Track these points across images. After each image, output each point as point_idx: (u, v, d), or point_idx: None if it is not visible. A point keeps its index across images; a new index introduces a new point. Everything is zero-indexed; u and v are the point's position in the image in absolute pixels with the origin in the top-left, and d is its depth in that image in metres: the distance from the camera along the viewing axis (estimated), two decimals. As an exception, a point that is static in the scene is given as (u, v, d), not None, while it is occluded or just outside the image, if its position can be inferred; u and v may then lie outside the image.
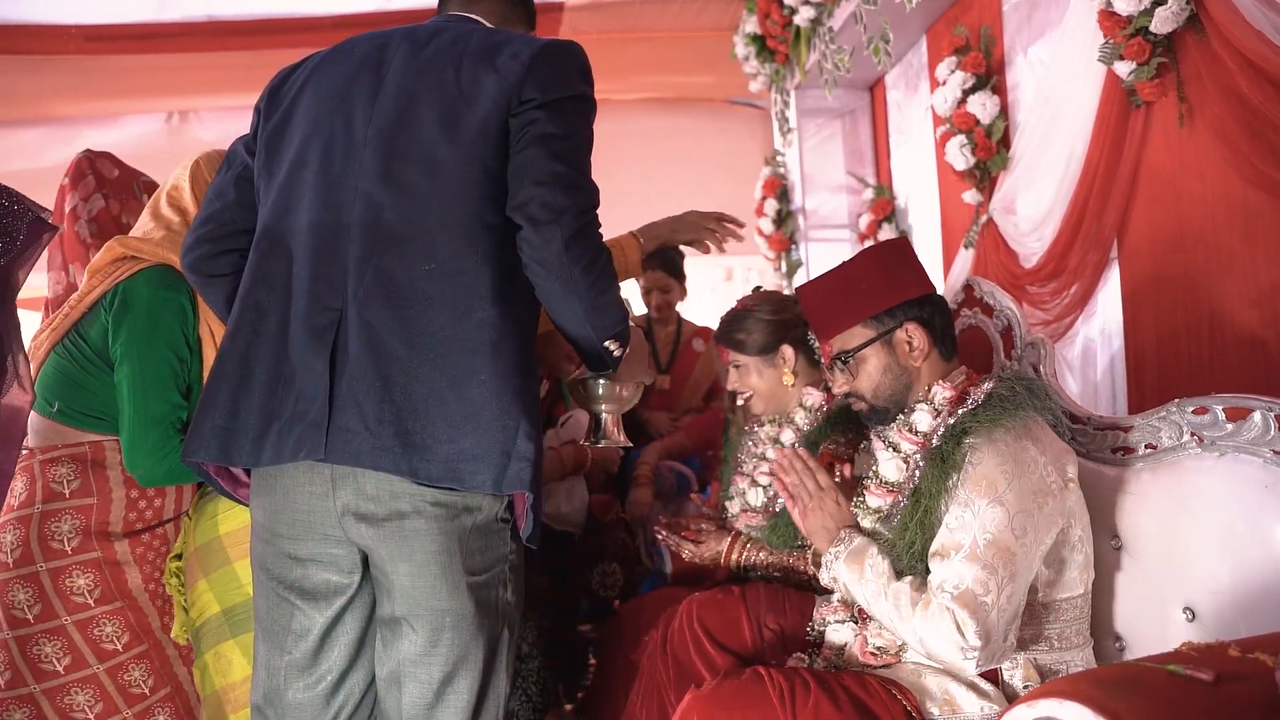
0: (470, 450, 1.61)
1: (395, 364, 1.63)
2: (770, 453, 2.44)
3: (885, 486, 1.85)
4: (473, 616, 1.69)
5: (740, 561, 2.33)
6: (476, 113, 1.70)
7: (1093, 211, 2.67)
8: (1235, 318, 2.32)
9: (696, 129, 5.65)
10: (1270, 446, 1.67)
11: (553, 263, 1.66)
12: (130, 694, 2.01)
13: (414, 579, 1.68)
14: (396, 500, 1.65)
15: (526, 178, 1.67)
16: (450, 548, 1.67)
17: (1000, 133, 3.28)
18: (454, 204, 1.68)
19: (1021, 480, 1.68)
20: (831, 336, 1.94)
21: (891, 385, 1.90)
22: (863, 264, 1.95)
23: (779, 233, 4.95)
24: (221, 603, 2.04)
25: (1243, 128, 2.16)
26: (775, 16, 4.48)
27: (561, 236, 1.64)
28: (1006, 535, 1.64)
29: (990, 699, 1.72)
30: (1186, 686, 1.21)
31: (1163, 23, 2.29)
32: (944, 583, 1.65)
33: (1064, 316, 2.84)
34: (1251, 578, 1.65)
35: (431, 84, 1.73)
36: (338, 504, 1.68)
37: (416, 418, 1.62)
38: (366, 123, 1.74)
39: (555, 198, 1.65)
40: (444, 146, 1.69)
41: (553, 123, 1.69)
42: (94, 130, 4.98)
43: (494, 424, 1.62)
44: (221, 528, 2.06)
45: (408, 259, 1.66)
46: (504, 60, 1.73)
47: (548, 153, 1.67)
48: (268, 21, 4.77)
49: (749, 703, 1.68)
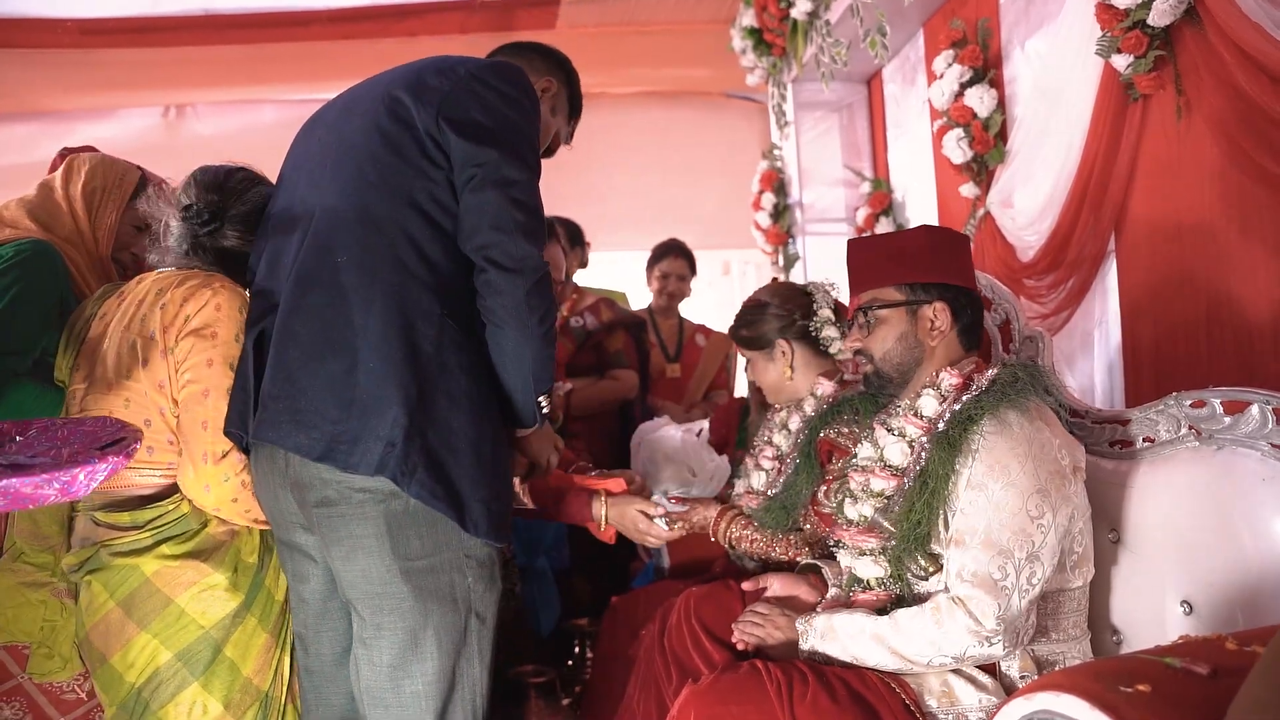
0: (351, 433, 1.69)
1: (300, 346, 1.75)
2: (778, 438, 2.46)
3: (889, 470, 1.86)
4: (413, 601, 1.75)
5: (729, 532, 2.33)
6: (403, 123, 1.81)
7: (1090, 204, 2.67)
8: (1233, 311, 2.32)
9: (693, 122, 5.64)
10: (1268, 440, 1.67)
11: (512, 311, 1.75)
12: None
13: (345, 563, 1.77)
14: (325, 488, 1.74)
15: (485, 219, 1.75)
16: (378, 532, 1.73)
17: (998, 126, 3.27)
18: (373, 202, 1.78)
19: (1036, 462, 1.69)
20: (865, 289, 1.97)
21: (901, 355, 1.92)
22: (918, 237, 1.99)
23: (776, 226, 4.95)
24: (172, 647, 1.86)
25: (1240, 121, 2.16)
26: (772, 9, 4.47)
27: (524, 287, 1.74)
28: (1022, 517, 1.65)
29: (988, 691, 1.72)
30: (1184, 679, 1.21)
31: (1160, 16, 2.28)
32: (961, 570, 1.66)
33: (1062, 310, 2.84)
34: (1249, 571, 1.65)
35: (376, 96, 1.87)
36: (287, 489, 1.80)
37: (307, 396, 1.72)
38: (327, 129, 1.93)
39: (517, 246, 1.74)
40: (377, 148, 1.81)
41: (509, 164, 1.78)
42: (89, 125, 4.97)
43: (376, 410, 1.69)
44: (147, 568, 1.87)
45: (326, 249, 1.78)
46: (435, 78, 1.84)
47: (508, 198, 1.76)
48: (264, 15, 4.77)
49: (746, 697, 1.68)
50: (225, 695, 1.86)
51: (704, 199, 5.59)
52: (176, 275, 1.95)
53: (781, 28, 4.53)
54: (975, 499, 1.69)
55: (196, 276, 1.94)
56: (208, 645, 1.86)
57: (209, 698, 1.86)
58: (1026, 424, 1.72)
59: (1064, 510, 1.70)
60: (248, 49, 4.92)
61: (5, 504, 1.56)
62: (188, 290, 1.90)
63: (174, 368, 1.87)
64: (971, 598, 1.62)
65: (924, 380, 1.91)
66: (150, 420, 1.88)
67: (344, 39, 4.92)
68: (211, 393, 1.86)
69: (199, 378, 1.86)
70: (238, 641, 1.88)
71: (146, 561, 1.87)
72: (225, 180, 2.02)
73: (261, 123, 5.27)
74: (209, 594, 1.87)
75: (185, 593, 1.87)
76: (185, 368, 1.86)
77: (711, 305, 6.14)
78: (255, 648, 1.90)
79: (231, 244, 2.00)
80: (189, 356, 1.86)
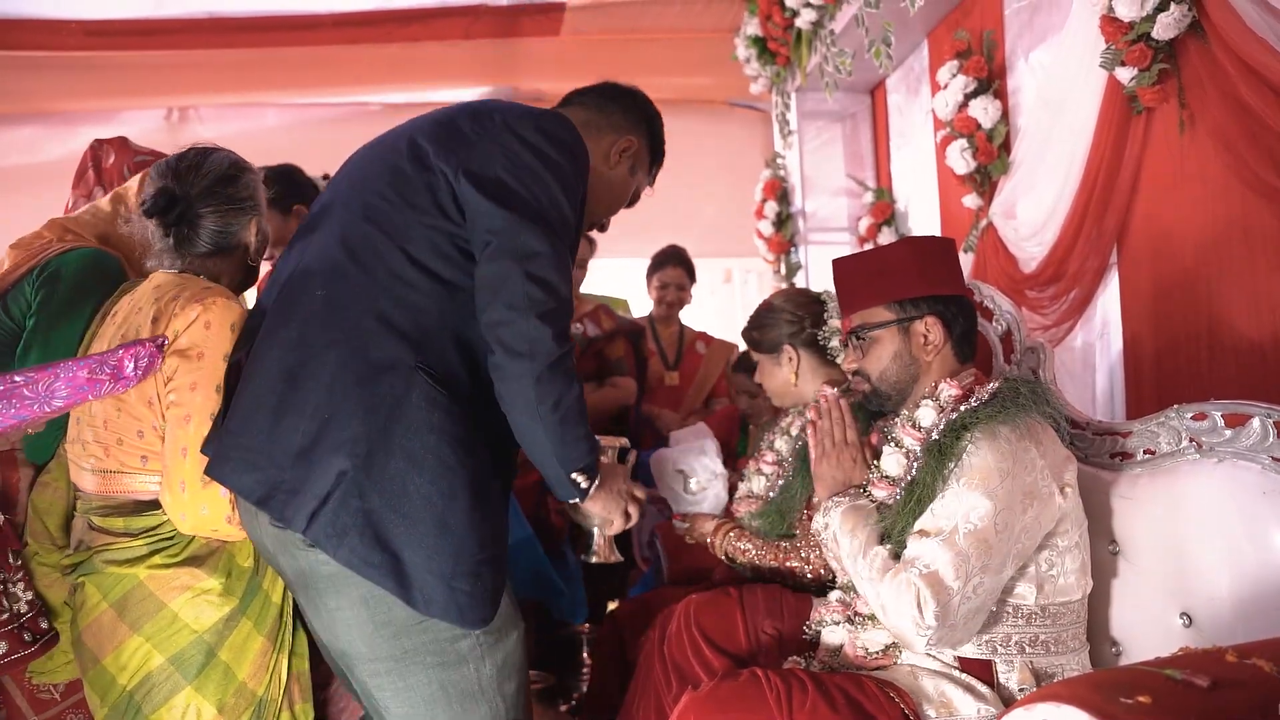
0: (291, 482, 1.57)
1: (265, 380, 1.66)
2: (780, 443, 2.47)
3: (887, 480, 1.86)
4: (410, 668, 1.64)
5: (724, 545, 2.33)
6: (421, 165, 1.73)
7: (1093, 217, 2.67)
8: (1235, 324, 2.32)
9: (697, 131, 5.64)
10: (1269, 453, 1.67)
11: (520, 397, 1.63)
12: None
13: (328, 635, 1.71)
14: (294, 558, 1.67)
15: (499, 296, 1.62)
16: (352, 603, 1.62)
17: (1001, 137, 3.28)
18: (366, 239, 1.70)
19: (1016, 479, 1.68)
20: (854, 311, 1.97)
21: (898, 373, 1.92)
22: (901, 251, 1.98)
23: (779, 235, 4.95)
24: (165, 651, 1.82)
25: (1244, 134, 2.16)
26: (777, 19, 4.48)
27: (533, 373, 1.61)
28: (988, 528, 1.65)
29: (986, 701, 1.72)
30: (1184, 691, 1.21)
31: (1165, 29, 2.29)
32: (918, 559, 1.66)
33: (1063, 321, 2.84)
34: (1249, 584, 1.65)
35: (404, 133, 1.80)
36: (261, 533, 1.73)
37: (264, 435, 1.62)
38: (358, 158, 1.88)
39: (530, 327, 1.60)
40: (385, 186, 1.74)
41: (531, 233, 1.63)
42: (93, 126, 4.94)
43: (320, 462, 1.57)
44: (141, 571, 1.84)
45: (309, 278, 1.71)
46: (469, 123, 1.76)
47: (524, 273, 1.61)
48: (268, 19, 4.77)
49: (746, 705, 1.68)
50: (219, 699, 1.83)
51: (706, 207, 5.60)
52: (174, 281, 1.89)
53: (786, 37, 4.53)
54: (949, 502, 1.69)
55: (191, 287, 1.87)
56: (201, 649, 1.83)
57: (202, 701, 1.82)
58: (1015, 440, 1.72)
59: (1028, 534, 1.70)
60: (251, 52, 4.92)
61: (69, 393, 1.64)
62: (180, 304, 1.83)
63: (162, 385, 1.82)
64: (921, 590, 1.62)
65: (922, 393, 1.91)
66: (143, 432, 1.84)
67: (348, 43, 4.93)
68: (193, 418, 1.79)
69: (182, 400, 1.80)
70: (233, 645, 1.85)
71: (140, 570, 1.84)
72: (176, 165, 1.93)
73: (264, 126, 5.28)
74: (202, 599, 1.84)
75: (179, 597, 1.83)
76: (170, 388, 1.80)
77: (712, 313, 6.14)
78: (251, 652, 1.86)
79: (214, 225, 1.92)
80: (174, 377, 1.80)
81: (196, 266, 1.95)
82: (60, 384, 1.65)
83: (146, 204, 1.90)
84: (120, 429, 1.84)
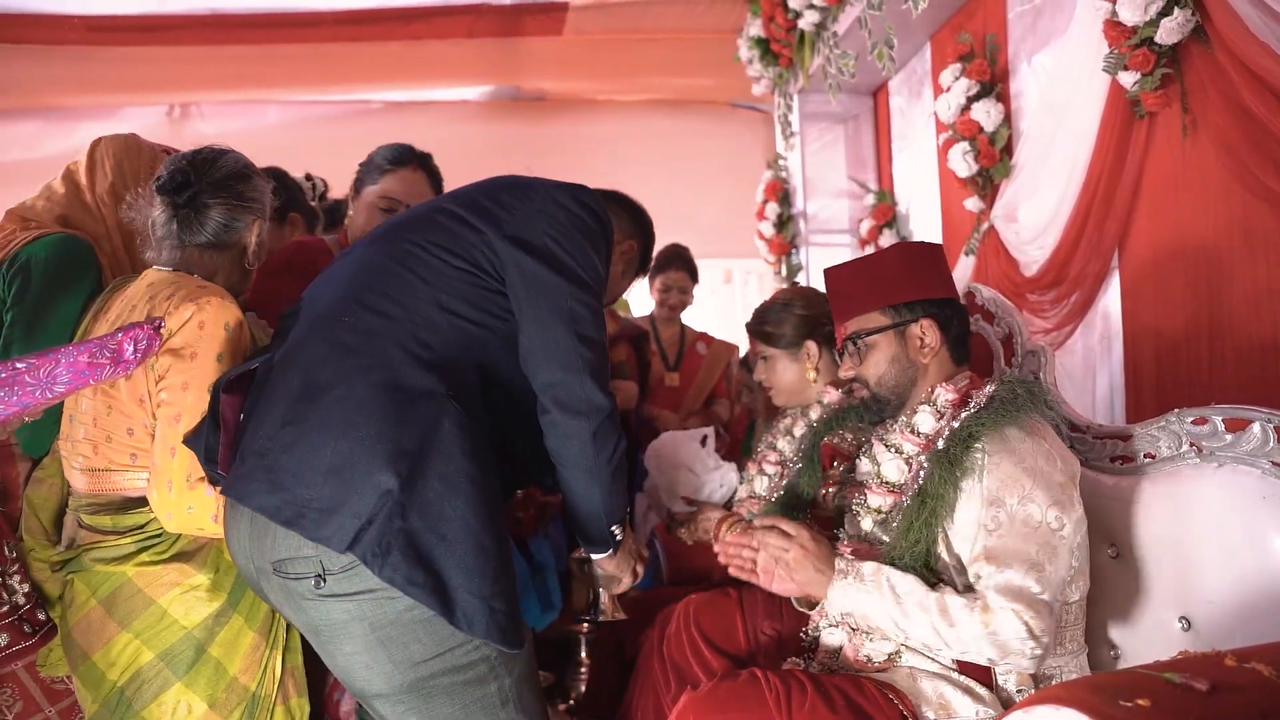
0: (324, 501, 1.55)
1: (290, 398, 1.64)
2: (782, 444, 2.46)
3: (886, 486, 1.86)
4: (434, 700, 1.62)
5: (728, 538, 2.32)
6: (469, 226, 1.76)
7: (1094, 221, 2.68)
8: (1236, 328, 2.32)
9: (698, 131, 5.66)
10: (1269, 458, 1.67)
11: (578, 454, 1.72)
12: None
13: (345, 676, 1.67)
14: (288, 599, 1.63)
15: (553, 358, 1.70)
16: (368, 646, 1.60)
17: (1003, 140, 3.28)
18: (400, 279, 1.72)
19: (1046, 476, 1.69)
20: (849, 318, 1.97)
21: (896, 377, 1.92)
22: (892, 256, 1.98)
23: (780, 236, 4.95)
24: (154, 647, 1.82)
25: (1246, 139, 2.16)
26: (780, 20, 4.48)
27: (590, 429, 1.70)
28: (1045, 530, 1.66)
29: (985, 703, 1.72)
30: (1183, 695, 1.21)
31: (1168, 33, 2.29)
32: (998, 586, 1.64)
33: (1064, 325, 2.85)
34: (1248, 588, 1.65)
35: (449, 198, 1.85)
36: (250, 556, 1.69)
37: (289, 454, 1.59)
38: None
39: (585, 387, 1.70)
40: (424, 237, 1.76)
41: (578, 297, 1.72)
42: (94, 122, 4.97)
43: (359, 482, 1.55)
44: (129, 569, 1.84)
45: (334, 309, 1.72)
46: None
47: (576, 335, 1.70)
48: (270, 16, 4.78)
49: (745, 705, 1.68)
50: (210, 695, 1.83)
51: (707, 207, 5.60)
52: (170, 279, 1.88)
53: (789, 38, 4.54)
54: (997, 515, 1.68)
55: (186, 285, 1.85)
56: (191, 645, 1.82)
57: (193, 697, 1.82)
58: (1028, 439, 1.73)
59: (1074, 517, 1.70)
60: (253, 49, 4.93)
61: (70, 378, 1.65)
62: (174, 302, 1.81)
63: (153, 383, 1.81)
64: (1022, 612, 1.61)
65: (920, 397, 1.91)
66: (133, 429, 1.83)
67: (350, 41, 4.94)
68: (184, 417, 1.77)
69: (173, 400, 1.78)
70: (223, 641, 1.85)
71: (128, 567, 1.84)
72: (194, 156, 1.95)
73: (266, 123, 5.29)
74: (191, 595, 1.83)
75: (167, 594, 1.83)
76: (161, 387, 1.79)
77: (712, 313, 6.14)
78: (242, 647, 1.86)
79: (219, 217, 1.92)
80: (166, 376, 1.79)
81: (194, 258, 1.93)
82: (61, 369, 1.65)
83: (161, 180, 1.90)
84: (110, 426, 1.84)
